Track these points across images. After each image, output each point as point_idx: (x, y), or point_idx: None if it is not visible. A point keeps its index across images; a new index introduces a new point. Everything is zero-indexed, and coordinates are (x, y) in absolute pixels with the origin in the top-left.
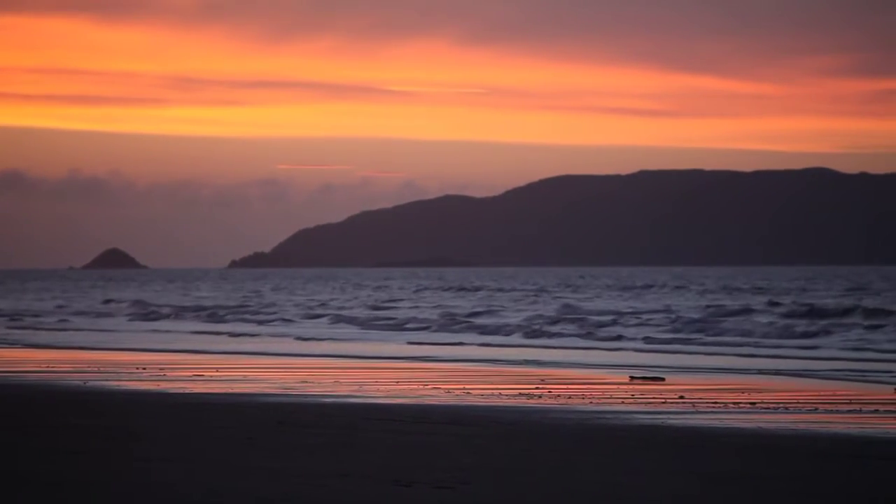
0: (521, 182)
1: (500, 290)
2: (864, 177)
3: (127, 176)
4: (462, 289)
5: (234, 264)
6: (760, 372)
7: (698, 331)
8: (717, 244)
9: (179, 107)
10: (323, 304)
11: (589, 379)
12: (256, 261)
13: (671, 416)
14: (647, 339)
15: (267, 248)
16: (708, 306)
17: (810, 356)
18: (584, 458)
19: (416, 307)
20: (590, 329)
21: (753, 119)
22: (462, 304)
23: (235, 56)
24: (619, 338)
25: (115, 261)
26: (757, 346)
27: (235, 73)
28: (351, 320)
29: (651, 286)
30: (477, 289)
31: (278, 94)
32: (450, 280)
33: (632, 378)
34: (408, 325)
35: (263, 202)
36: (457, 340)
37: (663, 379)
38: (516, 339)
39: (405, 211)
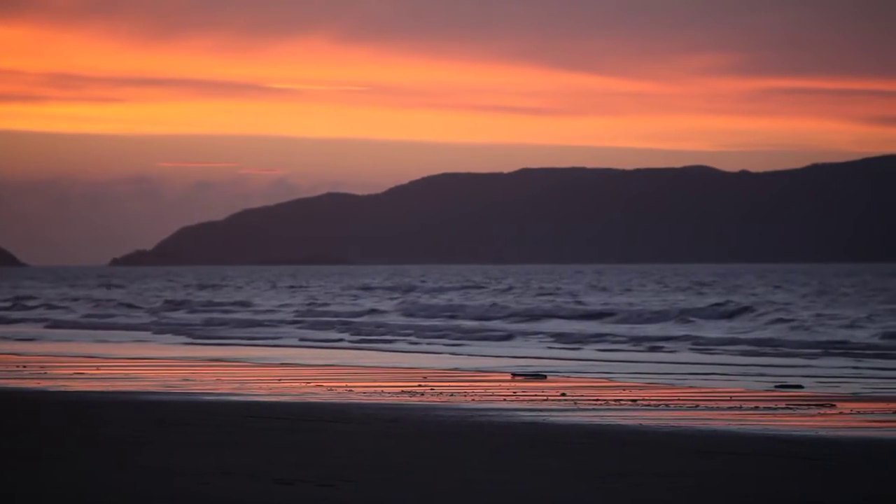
0: (404, 180)
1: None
2: (744, 175)
3: (3, 173)
4: (211, 286)
5: (116, 262)
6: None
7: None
8: (599, 242)
9: (59, 104)
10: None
11: (472, 377)
12: (138, 258)
13: (553, 414)
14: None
15: (149, 246)
16: (373, 309)
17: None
18: (467, 456)
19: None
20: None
21: (634, 117)
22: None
23: (116, 53)
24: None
25: None
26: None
27: (116, 71)
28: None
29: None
30: (215, 286)
31: (159, 91)
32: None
33: (514, 375)
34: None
35: (144, 199)
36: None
37: (545, 377)
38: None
39: (288, 208)
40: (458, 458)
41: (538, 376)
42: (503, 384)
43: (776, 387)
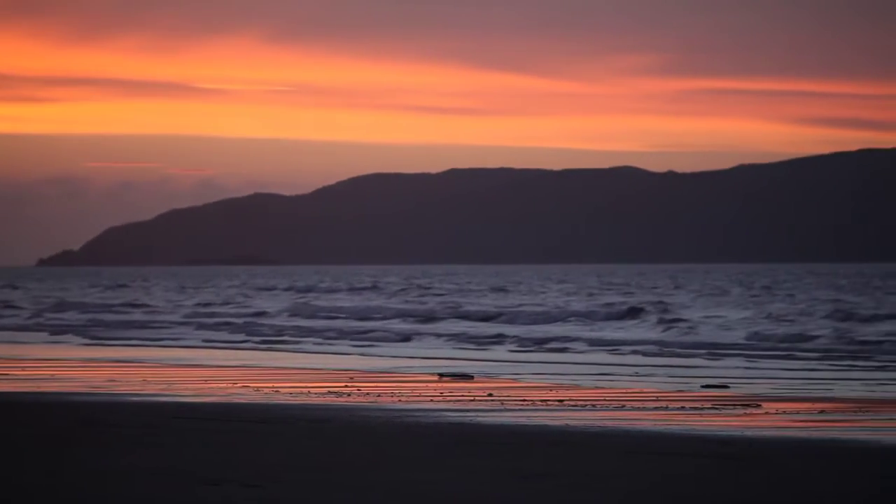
0: (331, 180)
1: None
2: (671, 175)
3: None
4: (116, 286)
5: (43, 262)
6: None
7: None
8: (526, 243)
9: None
10: None
11: (398, 377)
12: (65, 259)
13: (480, 414)
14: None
15: (76, 246)
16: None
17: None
18: (394, 456)
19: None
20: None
21: (561, 117)
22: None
23: (41, 53)
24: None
25: None
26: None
27: (41, 70)
28: None
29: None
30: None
31: (85, 91)
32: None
33: (441, 376)
34: None
35: (69, 200)
36: None
37: (472, 377)
38: None
39: (216, 209)
40: (386, 459)
41: (465, 377)
42: (430, 384)
43: (702, 387)
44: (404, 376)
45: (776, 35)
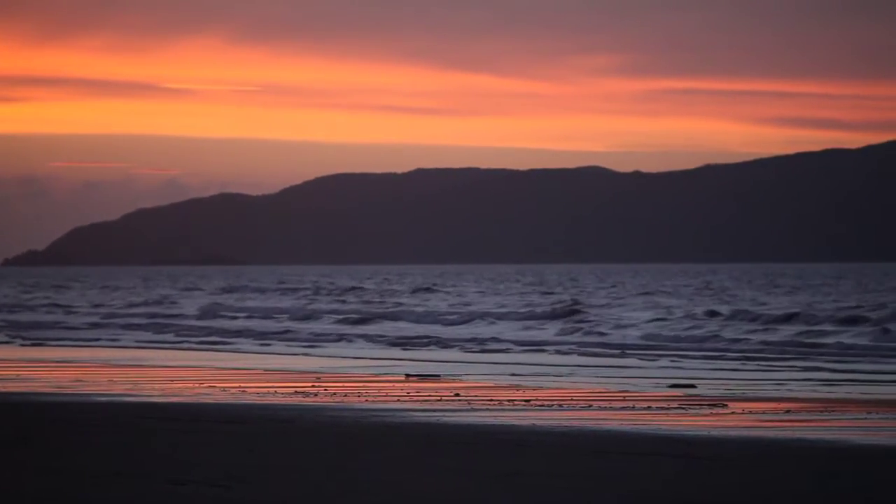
0: (297, 180)
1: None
2: (637, 175)
3: None
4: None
5: (8, 262)
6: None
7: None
8: (493, 243)
9: None
10: None
11: (365, 377)
12: (31, 259)
13: (447, 414)
14: None
15: (41, 247)
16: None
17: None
18: (361, 456)
19: None
20: None
21: (528, 118)
22: None
23: (7, 52)
24: None
25: None
26: None
27: (6, 70)
28: None
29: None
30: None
31: (50, 90)
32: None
33: (408, 376)
34: None
35: (35, 199)
36: None
37: (439, 376)
38: None
39: (182, 209)
40: (353, 459)
41: (433, 376)
42: (397, 384)
43: (669, 386)
44: (371, 376)
45: (741, 35)
